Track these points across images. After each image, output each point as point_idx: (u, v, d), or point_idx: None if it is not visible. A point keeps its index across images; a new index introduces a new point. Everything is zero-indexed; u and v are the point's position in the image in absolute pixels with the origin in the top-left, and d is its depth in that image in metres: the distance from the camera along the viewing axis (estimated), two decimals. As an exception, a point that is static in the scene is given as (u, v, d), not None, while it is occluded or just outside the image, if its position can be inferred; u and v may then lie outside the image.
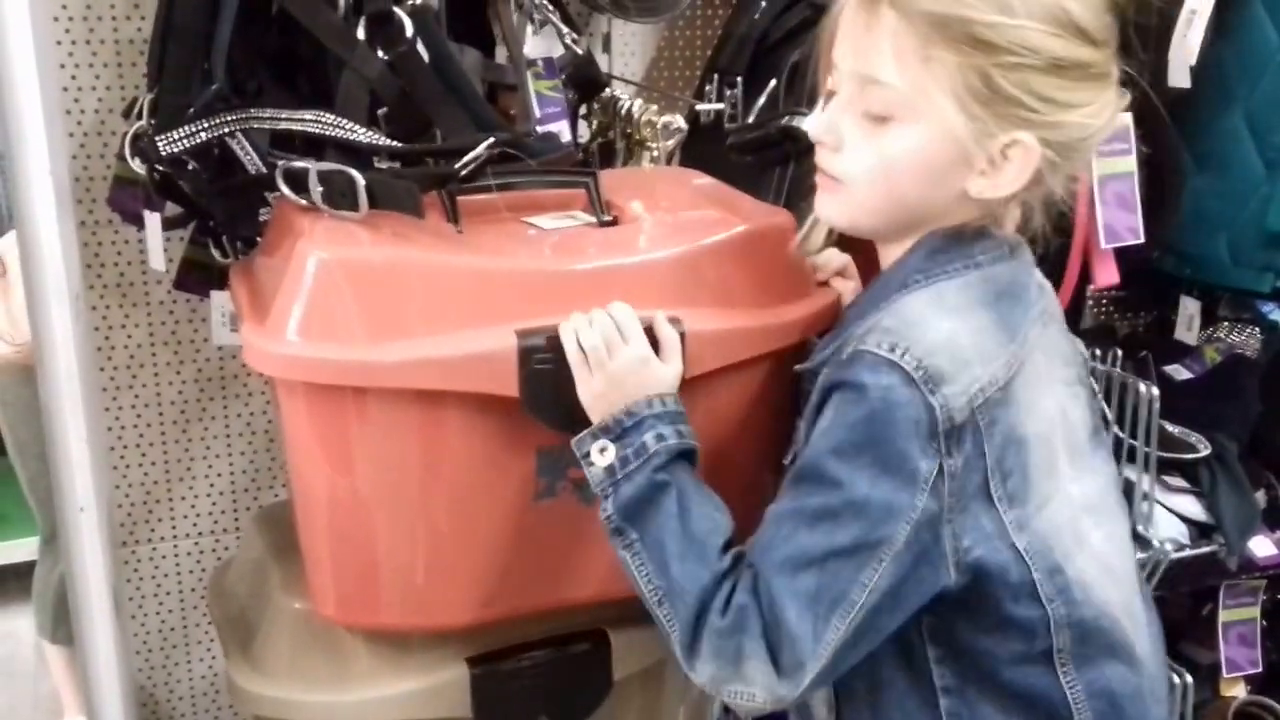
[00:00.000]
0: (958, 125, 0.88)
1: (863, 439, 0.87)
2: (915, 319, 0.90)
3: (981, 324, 0.91)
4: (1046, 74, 0.87)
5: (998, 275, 0.94)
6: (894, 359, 0.87)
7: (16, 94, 0.91)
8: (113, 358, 1.60)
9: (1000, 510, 0.90)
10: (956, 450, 0.88)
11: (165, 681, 1.74)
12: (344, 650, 1.13)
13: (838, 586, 0.87)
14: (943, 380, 0.87)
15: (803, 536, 0.88)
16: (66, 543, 0.93)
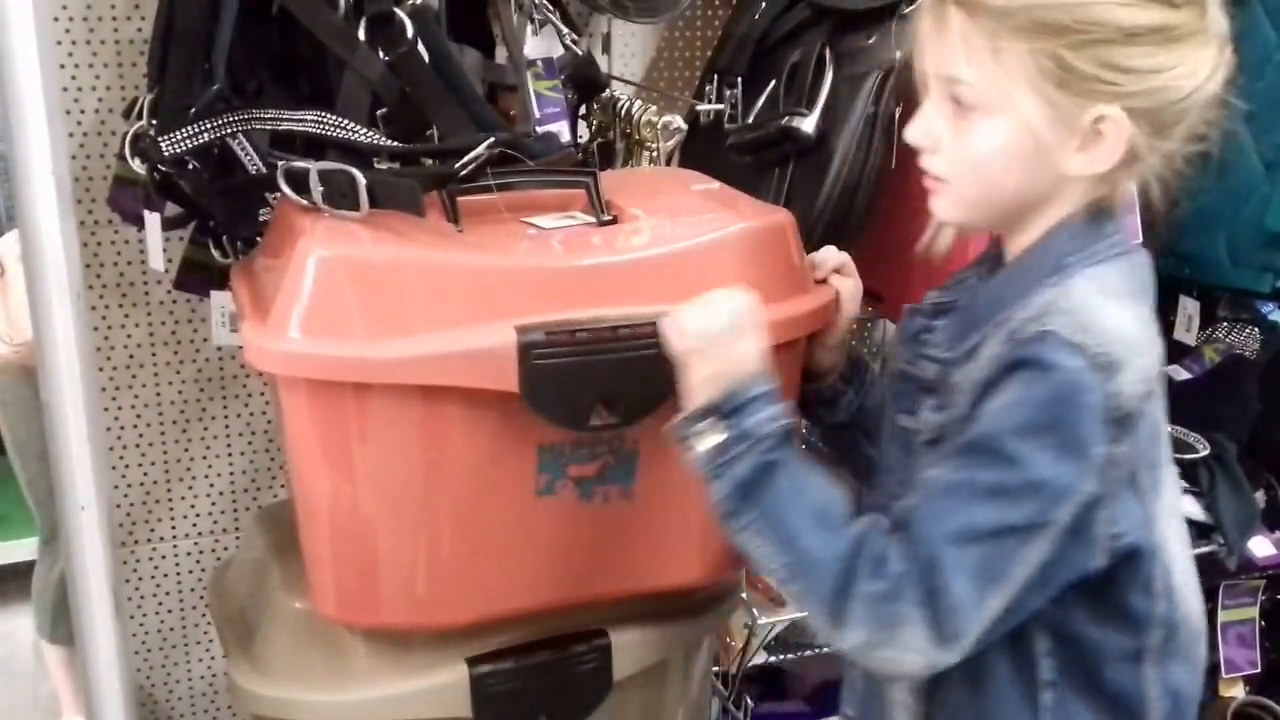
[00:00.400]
0: (1039, 111, 0.89)
1: (1048, 419, 0.88)
2: (1091, 305, 0.90)
3: (1140, 314, 0.93)
4: (1120, 45, 0.88)
5: (1141, 264, 0.97)
6: (1079, 342, 0.87)
7: (18, 94, 0.91)
8: (112, 357, 1.60)
9: (1142, 501, 0.93)
10: (1125, 436, 0.89)
11: (165, 681, 1.74)
12: (344, 650, 1.13)
13: (1004, 562, 0.88)
14: (1118, 368, 0.87)
15: (976, 510, 0.89)
16: (67, 542, 0.93)
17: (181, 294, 1.56)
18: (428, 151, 1.18)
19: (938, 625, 0.89)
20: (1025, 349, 0.89)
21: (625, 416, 1.04)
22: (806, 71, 1.32)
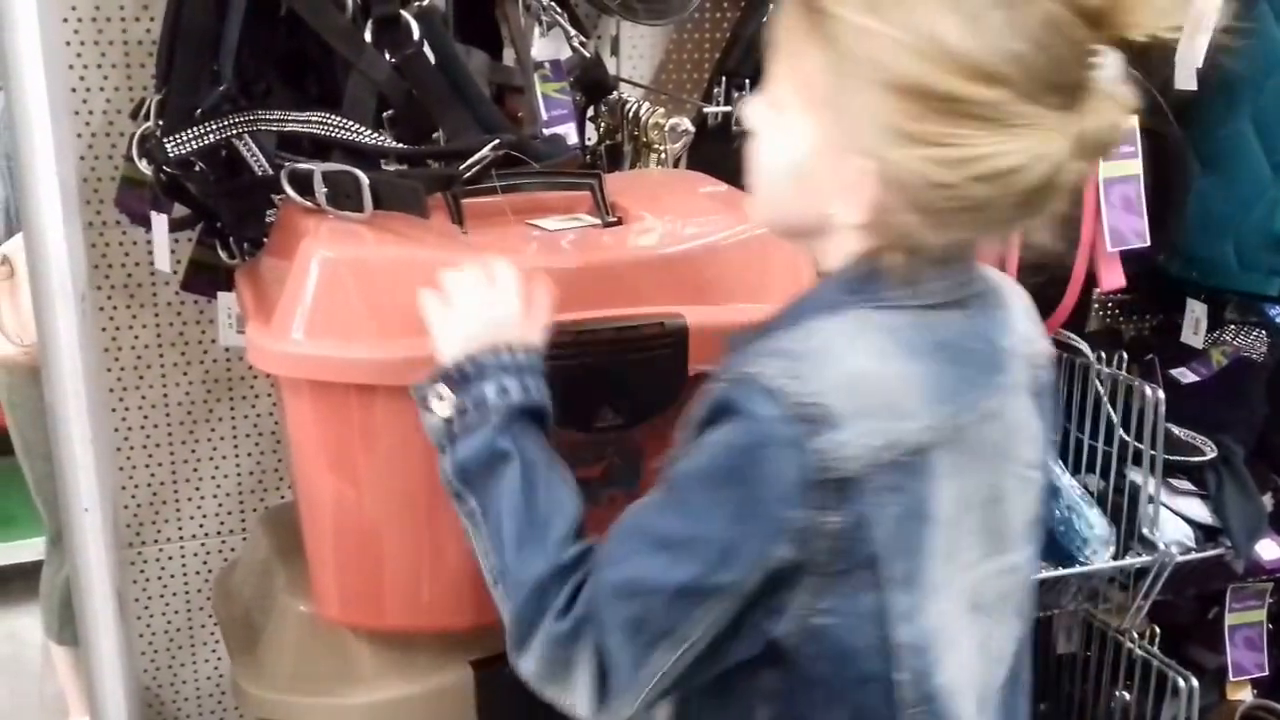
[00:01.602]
0: (815, 131, 0.79)
1: (728, 474, 0.78)
2: (823, 347, 0.79)
3: (905, 374, 0.79)
4: (898, 97, 0.75)
5: (946, 323, 0.82)
6: (779, 388, 0.76)
7: (25, 95, 0.91)
8: (119, 359, 1.60)
9: (887, 593, 0.79)
10: (839, 508, 0.77)
11: (170, 682, 1.74)
12: (349, 653, 1.13)
13: (668, 621, 0.80)
14: (829, 425, 0.75)
15: (642, 561, 0.80)
16: (71, 543, 0.93)
17: (189, 295, 1.56)
18: (432, 153, 1.18)
19: (602, 679, 0.82)
20: (726, 390, 0.79)
21: (631, 418, 1.04)
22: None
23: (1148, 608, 1.60)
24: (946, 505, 0.81)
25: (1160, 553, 1.53)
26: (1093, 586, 1.63)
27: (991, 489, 0.84)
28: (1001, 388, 0.84)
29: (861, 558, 0.78)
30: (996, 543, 0.86)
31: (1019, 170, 0.74)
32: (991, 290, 0.86)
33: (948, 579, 0.82)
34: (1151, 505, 1.54)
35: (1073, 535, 1.54)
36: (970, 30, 0.73)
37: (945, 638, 0.83)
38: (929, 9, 0.74)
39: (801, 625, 0.80)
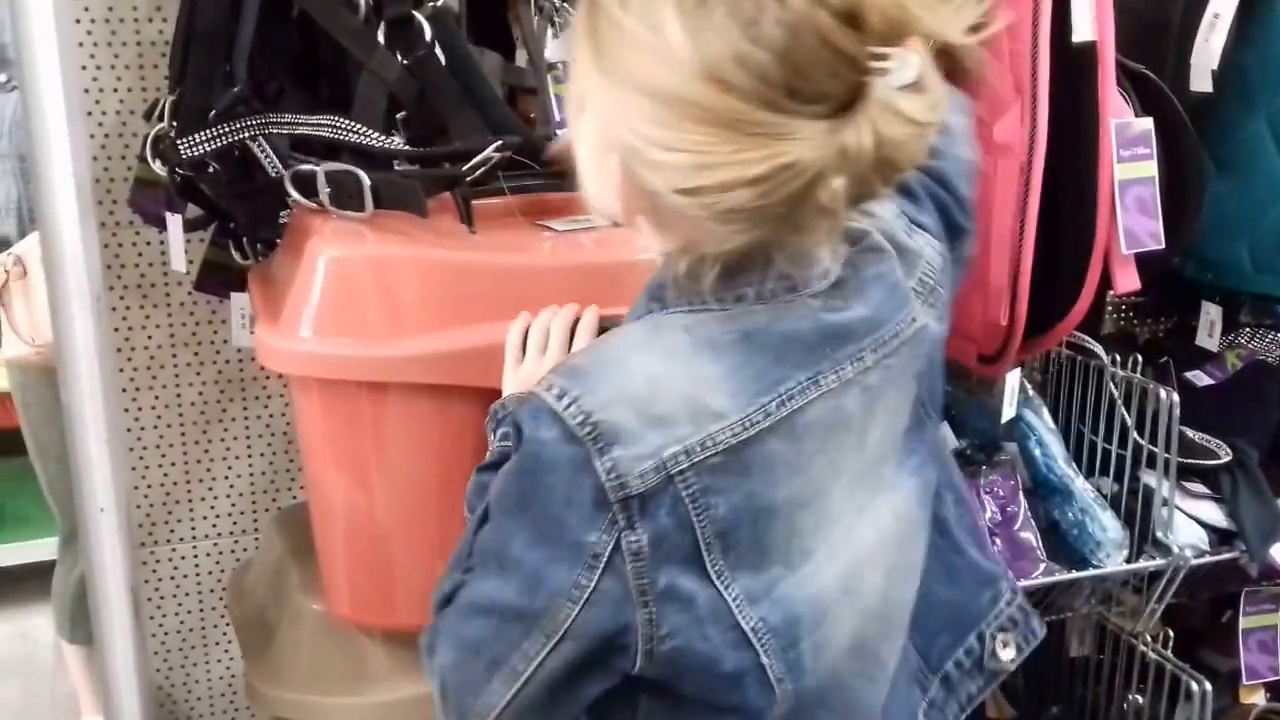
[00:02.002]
0: (590, 129, 0.77)
1: (518, 497, 0.76)
2: (612, 358, 0.77)
3: (711, 374, 0.75)
4: (638, 95, 0.71)
5: (771, 315, 0.78)
6: (558, 409, 0.73)
7: (40, 96, 0.91)
8: (133, 359, 1.60)
9: (721, 587, 0.77)
10: (642, 522, 0.74)
11: (184, 682, 1.75)
12: (362, 653, 1.14)
13: (499, 647, 0.77)
14: (617, 440, 0.73)
15: (477, 577, 0.78)
16: (86, 543, 0.94)
17: (202, 296, 1.56)
18: (437, 155, 1.18)
19: (443, 698, 0.80)
20: (513, 411, 0.77)
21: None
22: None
23: (1161, 611, 1.60)
24: (796, 485, 0.78)
25: (1174, 556, 1.53)
26: (1106, 590, 1.63)
27: (854, 448, 0.82)
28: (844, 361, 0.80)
29: (678, 565, 0.76)
30: (868, 494, 0.84)
31: (763, 180, 0.69)
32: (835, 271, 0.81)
33: (819, 544, 0.80)
34: (1165, 508, 1.53)
35: (1086, 538, 1.54)
36: (705, 35, 0.69)
37: (829, 596, 0.81)
38: (668, 12, 0.70)
39: (650, 656, 0.77)
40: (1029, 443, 1.59)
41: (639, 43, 0.71)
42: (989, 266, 1.30)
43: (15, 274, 1.99)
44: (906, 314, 0.84)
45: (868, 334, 0.81)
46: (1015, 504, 1.53)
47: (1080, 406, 1.65)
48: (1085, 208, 1.27)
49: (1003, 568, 1.02)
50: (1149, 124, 1.26)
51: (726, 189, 0.70)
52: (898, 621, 0.90)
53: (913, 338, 0.84)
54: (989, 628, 0.98)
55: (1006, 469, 1.55)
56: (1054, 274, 1.29)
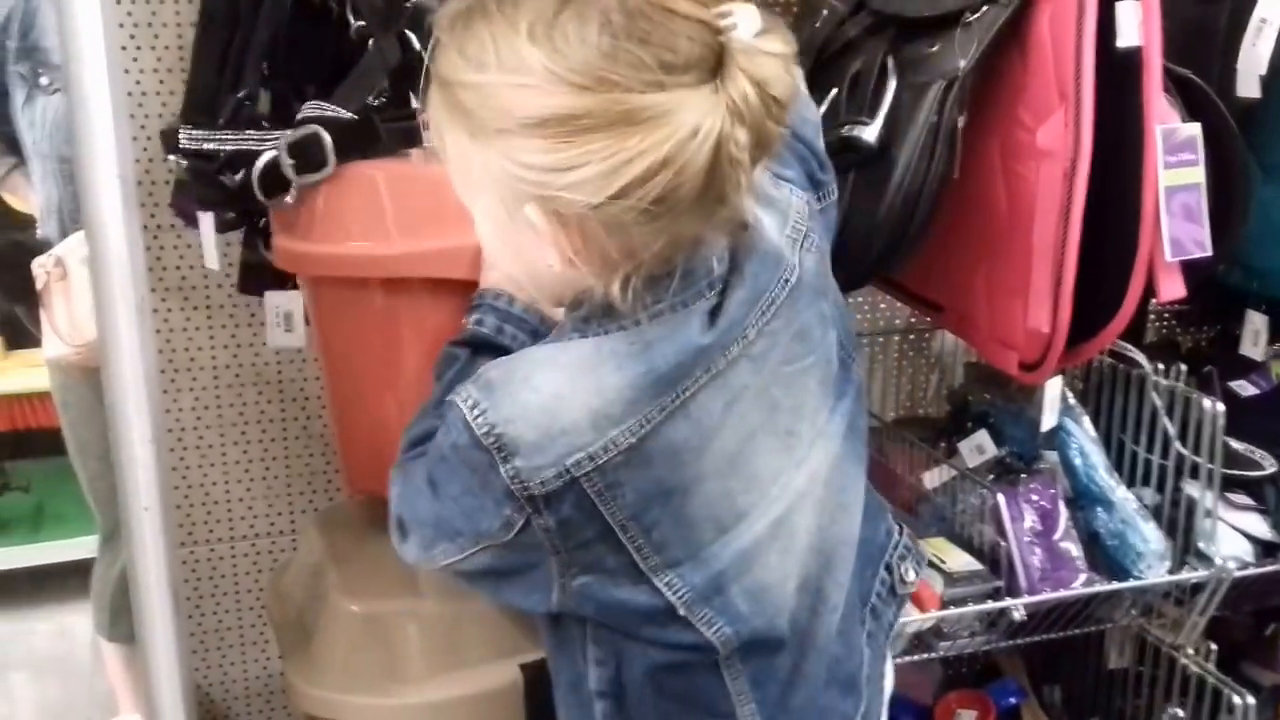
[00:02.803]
0: (489, 201, 0.81)
1: (451, 466, 0.86)
2: (520, 376, 0.83)
3: (609, 386, 0.82)
4: (522, 137, 0.75)
5: (659, 326, 0.84)
6: (468, 418, 0.82)
7: (85, 98, 0.92)
8: (173, 360, 1.62)
9: (637, 557, 0.86)
10: (548, 511, 0.83)
11: (220, 681, 1.76)
12: (399, 654, 1.14)
13: (442, 527, 0.89)
14: (518, 452, 0.81)
15: (422, 485, 0.90)
16: (129, 543, 0.95)
17: (241, 298, 1.57)
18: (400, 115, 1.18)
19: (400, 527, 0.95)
20: (445, 405, 0.86)
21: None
22: (868, 80, 1.30)
23: (1204, 624, 1.58)
24: (705, 463, 0.85)
25: (1217, 568, 1.51)
26: (1147, 601, 1.61)
27: (764, 409, 0.88)
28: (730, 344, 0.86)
29: (590, 537, 0.84)
30: (805, 448, 0.92)
31: (675, 158, 0.73)
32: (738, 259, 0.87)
33: (746, 508, 0.88)
34: (1209, 520, 1.51)
35: (1127, 549, 1.52)
36: (565, 49, 0.73)
37: (743, 556, 0.89)
38: (514, 45, 0.74)
39: (565, 592, 0.87)
40: (1070, 452, 1.57)
41: (506, 86, 0.75)
42: (1031, 273, 1.28)
43: (56, 275, 2.00)
44: (781, 273, 0.89)
45: (749, 311, 0.87)
46: (1056, 513, 1.51)
47: (1121, 416, 1.63)
48: (1129, 214, 1.25)
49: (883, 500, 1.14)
50: (1196, 129, 1.25)
51: (646, 179, 0.73)
52: (839, 557, 0.98)
53: (790, 291, 0.90)
54: (892, 557, 1.10)
55: (1047, 478, 1.54)
56: (1097, 281, 1.28)
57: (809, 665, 0.97)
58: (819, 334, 0.94)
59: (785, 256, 0.90)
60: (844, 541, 0.98)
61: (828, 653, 0.99)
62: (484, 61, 0.75)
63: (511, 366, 0.84)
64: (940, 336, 1.89)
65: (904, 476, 1.72)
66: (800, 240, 0.93)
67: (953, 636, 1.52)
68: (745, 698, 0.93)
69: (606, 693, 0.93)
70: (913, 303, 1.63)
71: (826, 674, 0.99)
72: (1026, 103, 1.28)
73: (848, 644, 1.03)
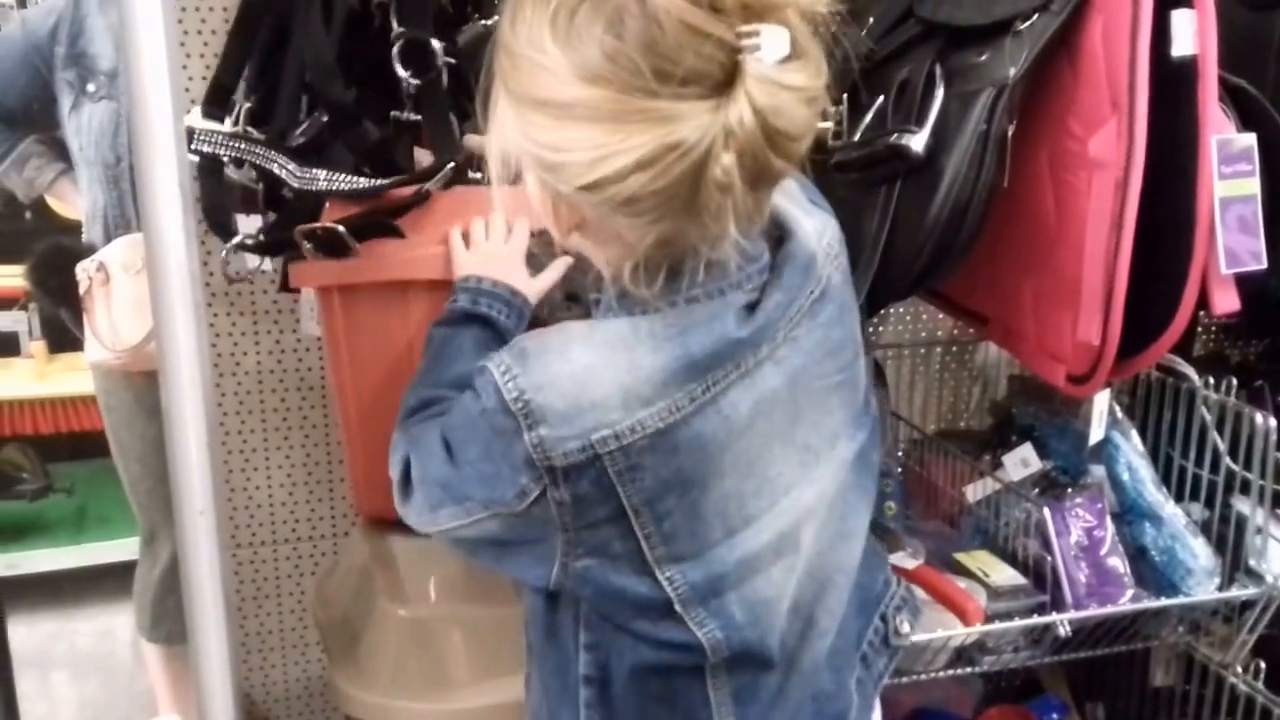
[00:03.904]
0: (514, 162, 0.85)
1: (475, 428, 0.88)
2: (554, 347, 0.85)
3: (642, 365, 0.83)
4: (534, 111, 0.80)
5: (696, 312, 0.86)
6: (500, 383, 0.84)
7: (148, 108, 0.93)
8: (219, 365, 1.63)
9: (644, 545, 0.86)
10: (565, 485, 0.84)
11: (262, 684, 1.77)
12: (444, 659, 1.15)
13: (452, 490, 0.91)
14: (545, 420, 0.82)
15: (436, 446, 0.92)
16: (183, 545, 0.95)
17: (286, 303, 1.59)
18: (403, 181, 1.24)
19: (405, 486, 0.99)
20: (477, 371, 0.88)
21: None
22: (916, 88, 1.29)
23: (1253, 642, 1.55)
24: (727, 459, 0.86)
25: (1267, 585, 1.48)
26: (1195, 619, 1.58)
27: (787, 419, 0.89)
28: (763, 342, 0.87)
29: (602, 517, 0.85)
30: (821, 466, 0.93)
31: (654, 161, 0.75)
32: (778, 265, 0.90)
33: (755, 513, 0.89)
34: (1259, 536, 1.49)
35: (1176, 565, 1.50)
36: (577, 44, 0.76)
37: (745, 564, 0.89)
38: (540, 27, 0.78)
39: (566, 571, 0.88)
40: (1118, 466, 1.55)
41: (528, 62, 0.79)
42: (1081, 284, 1.27)
43: (98, 280, 2.02)
44: (810, 284, 0.91)
45: (781, 316, 0.88)
46: (1103, 528, 1.50)
47: (1169, 430, 1.61)
48: (1183, 225, 1.23)
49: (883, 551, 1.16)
50: (1252, 139, 1.23)
51: (622, 177, 0.76)
52: (834, 585, 0.98)
53: (814, 303, 0.91)
54: (888, 607, 1.10)
55: (1094, 492, 1.52)
56: (1148, 293, 1.26)
57: (793, 689, 0.97)
58: (849, 355, 0.95)
59: (817, 267, 0.92)
60: (841, 570, 0.98)
61: (815, 682, 0.99)
62: (519, 34, 0.79)
63: (547, 338, 0.86)
64: (984, 348, 1.88)
65: (945, 489, 1.71)
66: (834, 257, 0.95)
67: (996, 651, 1.50)
68: (726, 710, 0.94)
69: (593, 678, 0.94)
70: (957, 314, 1.62)
71: (814, 706, 0.99)
72: (1077, 112, 1.27)
73: (839, 682, 1.03)
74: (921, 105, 1.29)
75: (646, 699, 0.93)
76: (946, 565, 1.52)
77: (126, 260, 1.96)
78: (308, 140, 1.29)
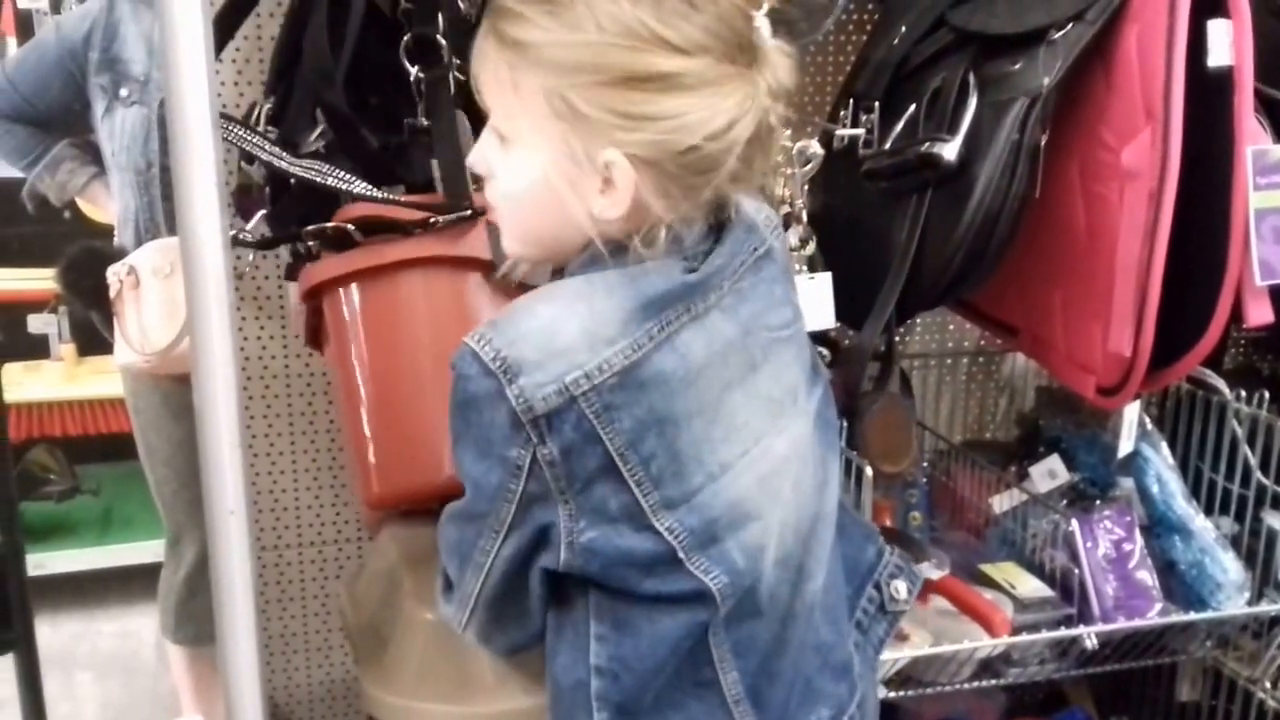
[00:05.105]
0: (556, 150, 0.91)
1: (461, 424, 0.93)
2: (519, 308, 0.92)
3: (600, 309, 0.90)
4: (621, 89, 0.88)
5: (645, 267, 0.93)
6: (477, 350, 0.89)
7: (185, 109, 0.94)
8: (246, 368, 1.64)
9: (638, 493, 0.91)
10: (551, 438, 0.89)
11: (285, 685, 1.78)
12: (472, 662, 1.15)
13: (466, 546, 0.96)
14: (523, 370, 0.88)
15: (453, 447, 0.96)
16: (213, 546, 0.96)
17: (316, 307, 1.59)
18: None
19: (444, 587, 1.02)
20: (454, 355, 0.92)
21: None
22: (949, 97, 1.29)
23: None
24: (691, 397, 0.92)
25: (1297, 600, 1.47)
26: (1224, 633, 1.57)
27: (744, 366, 0.96)
28: (710, 292, 0.94)
29: (593, 470, 0.90)
30: (787, 418, 0.99)
31: (737, 121, 0.89)
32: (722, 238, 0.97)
33: (729, 460, 0.94)
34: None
35: (1205, 579, 1.49)
36: (661, 15, 0.87)
37: (749, 504, 0.95)
38: (617, 8, 0.87)
39: (572, 549, 0.92)
40: (1147, 479, 1.55)
41: (607, 45, 0.88)
42: (1112, 295, 1.27)
43: (129, 284, 2.03)
44: (753, 243, 0.99)
45: (726, 266, 0.96)
46: (1131, 541, 1.49)
47: (1199, 443, 1.60)
48: (1217, 237, 1.23)
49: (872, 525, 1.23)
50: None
51: (713, 137, 0.88)
52: (816, 536, 1.02)
53: (758, 260, 0.99)
54: (881, 576, 1.16)
55: (1122, 505, 1.51)
56: (1181, 305, 1.26)
57: (791, 634, 1.01)
58: (791, 314, 1.03)
59: (759, 230, 1.01)
60: (820, 520, 1.03)
61: (816, 634, 1.03)
62: (579, 24, 0.88)
63: (513, 305, 0.93)
64: (1011, 359, 1.87)
65: (971, 500, 1.70)
66: (773, 227, 1.04)
67: (1022, 663, 1.50)
68: (728, 665, 0.97)
69: (604, 669, 0.96)
70: (985, 324, 1.62)
71: (816, 654, 1.04)
72: (1109, 122, 1.27)
73: (838, 632, 1.08)
74: (954, 114, 1.29)
75: (657, 678, 0.96)
76: (972, 576, 1.52)
77: (156, 265, 1.97)
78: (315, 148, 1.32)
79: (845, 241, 1.38)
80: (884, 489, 1.64)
